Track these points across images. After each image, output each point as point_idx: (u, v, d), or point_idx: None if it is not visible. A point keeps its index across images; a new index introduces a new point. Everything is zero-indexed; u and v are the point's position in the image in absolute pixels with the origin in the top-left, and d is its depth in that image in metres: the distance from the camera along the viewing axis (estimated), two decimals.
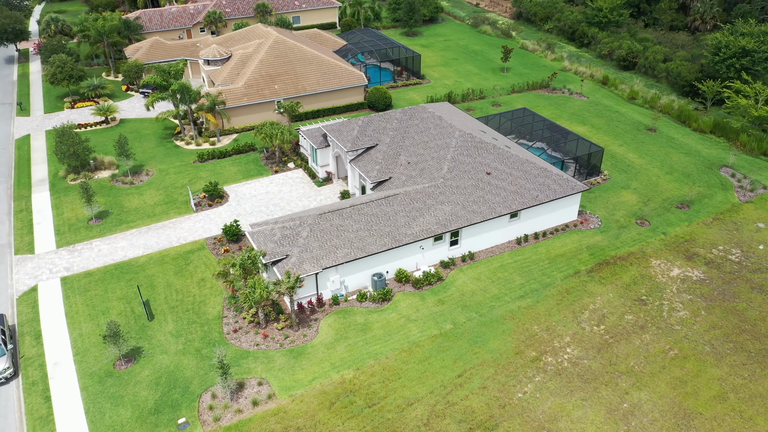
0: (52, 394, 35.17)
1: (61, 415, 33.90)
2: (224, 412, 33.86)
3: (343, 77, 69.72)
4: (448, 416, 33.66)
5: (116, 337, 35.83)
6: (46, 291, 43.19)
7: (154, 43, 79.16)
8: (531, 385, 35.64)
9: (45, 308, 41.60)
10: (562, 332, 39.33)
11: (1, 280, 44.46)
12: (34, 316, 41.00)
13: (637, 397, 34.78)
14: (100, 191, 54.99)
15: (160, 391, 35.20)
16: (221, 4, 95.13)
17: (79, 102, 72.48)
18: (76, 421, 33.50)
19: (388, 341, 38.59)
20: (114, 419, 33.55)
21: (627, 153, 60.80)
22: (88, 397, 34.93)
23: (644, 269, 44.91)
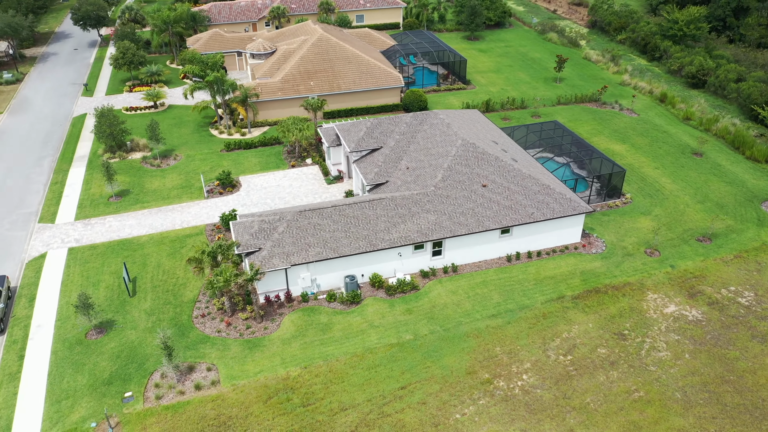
0: (26, 354, 38.15)
1: (28, 374, 36.70)
2: (168, 391, 35.31)
3: (380, 78, 69.92)
4: (377, 427, 33.25)
5: (87, 308, 38.27)
6: (53, 259, 46.74)
7: (213, 35, 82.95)
8: (473, 407, 34.44)
9: (46, 274, 45.07)
10: (524, 357, 37.63)
11: (18, 245, 48.62)
12: (35, 280, 44.54)
13: None
14: (129, 171, 58.64)
15: (119, 364, 37.23)
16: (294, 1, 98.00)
17: (137, 86, 77.44)
18: (38, 382, 36.14)
19: (344, 344, 38.59)
20: (70, 384, 35.89)
21: (660, 177, 56.82)
22: (55, 360, 37.57)
23: (636, 302, 41.97)
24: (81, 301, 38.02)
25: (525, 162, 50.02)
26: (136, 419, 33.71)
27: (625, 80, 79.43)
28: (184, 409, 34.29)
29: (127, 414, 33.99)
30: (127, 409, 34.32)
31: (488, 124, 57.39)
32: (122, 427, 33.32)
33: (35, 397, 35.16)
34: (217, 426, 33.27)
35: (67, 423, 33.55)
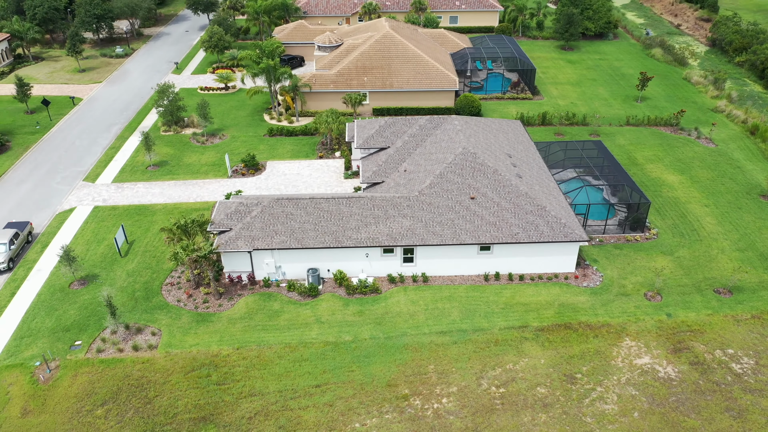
0: (18, 292, 42.88)
1: (10, 310, 41.28)
2: (109, 347, 37.99)
3: (435, 79, 68.76)
4: (273, 418, 33.34)
5: (70, 261, 42.17)
6: (78, 214, 51.88)
7: (297, 26, 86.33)
8: (376, 420, 33.29)
9: (66, 227, 50.16)
10: (454, 381, 35.56)
11: (57, 198, 54.50)
12: (55, 230, 49.77)
13: None
14: (176, 144, 63.23)
15: (83, 315, 40.64)
16: None
17: (219, 69, 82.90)
18: (15, 318, 40.54)
19: (284, 334, 38.97)
20: (36, 325, 39.85)
21: (705, 216, 50.39)
22: (36, 302, 41.87)
23: (607, 346, 37.85)
24: (64, 254, 41.99)
25: (533, 179, 46.85)
26: (73, 366, 36.69)
27: (719, 106, 71.00)
28: (115, 366, 36.72)
29: (68, 360, 37.10)
30: (71, 355, 37.44)
31: (520, 136, 54.36)
32: (59, 370, 36.44)
33: (6, 330, 39.51)
34: (134, 386, 35.25)
35: (18, 357, 37.36)
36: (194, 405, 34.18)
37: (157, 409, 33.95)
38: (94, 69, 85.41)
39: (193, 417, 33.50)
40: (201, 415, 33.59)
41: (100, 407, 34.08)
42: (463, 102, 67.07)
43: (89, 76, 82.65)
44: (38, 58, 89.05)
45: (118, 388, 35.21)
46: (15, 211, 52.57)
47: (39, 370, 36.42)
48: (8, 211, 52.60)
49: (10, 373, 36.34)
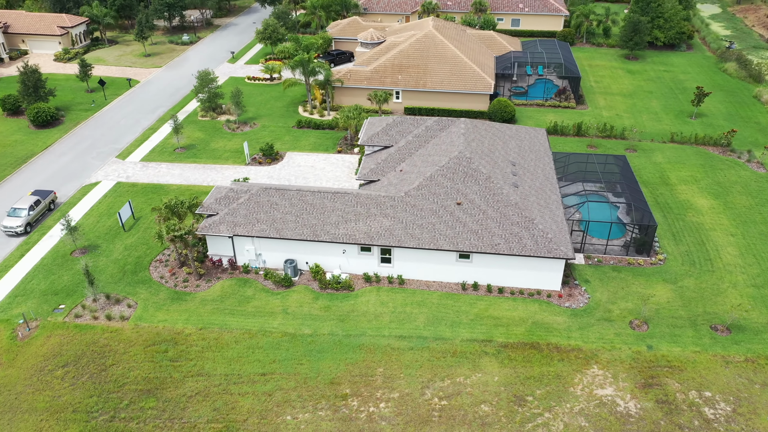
0: (26, 255, 46.29)
1: (16, 270, 44.63)
2: (86, 313, 40.20)
3: (470, 81, 67.24)
4: (211, 400, 34.04)
5: (72, 230, 45.00)
6: (101, 187, 55.20)
7: (351, 22, 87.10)
8: (309, 415, 33.20)
9: (87, 198, 53.51)
10: (398, 387, 34.76)
11: (88, 171, 58.18)
12: (76, 201, 53.21)
13: None
14: (208, 130, 65.74)
15: (74, 281, 43.24)
16: None
17: (270, 60, 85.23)
18: (16, 278, 43.79)
19: (248, 320, 39.64)
20: (32, 286, 42.83)
21: (728, 245, 46.19)
22: (38, 265, 45.00)
23: (570, 371, 35.61)
24: (66, 223, 44.85)
25: (531, 190, 44.80)
26: (50, 327, 39.17)
27: None
28: (86, 332, 38.84)
29: (48, 321, 39.65)
30: (52, 317, 39.99)
31: (537, 145, 52.11)
32: (37, 330, 39.03)
33: (5, 287, 42.77)
34: (96, 353, 37.13)
35: (7, 314, 40.33)
36: (144, 377, 35.53)
37: (109, 377, 35.59)
38: (159, 54, 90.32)
39: (139, 389, 34.83)
40: (147, 388, 34.87)
41: (61, 368, 36.18)
42: (496, 107, 65.15)
43: (152, 61, 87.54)
44: (113, 41, 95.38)
45: (82, 352, 37.23)
46: (49, 180, 56.71)
47: (20, 327, 39.17)
48: (43, 179, 56.84)
49: None
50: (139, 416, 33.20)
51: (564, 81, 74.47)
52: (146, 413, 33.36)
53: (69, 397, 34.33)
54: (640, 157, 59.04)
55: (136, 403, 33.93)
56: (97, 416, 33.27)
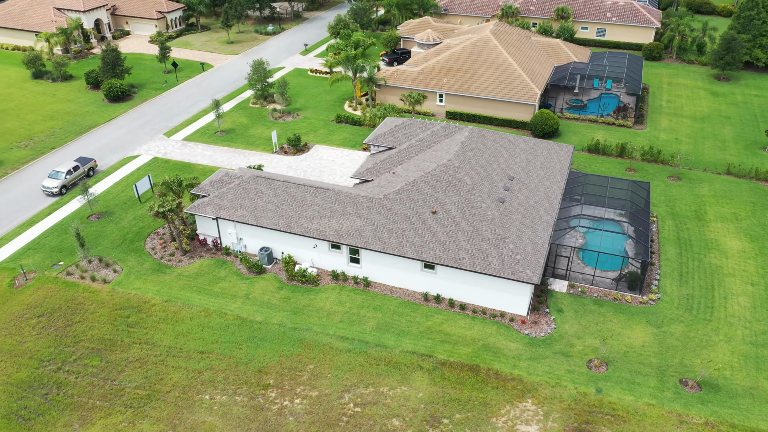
0: (52, 214, 51.21)
1: (37, 226, 49.56)
2: (77, 272, 43.91)
3: (515, 90, 64.68)
4: (146, 369, 35.97)
5: (89, 197, 49.25)
6: (139, 160, 59.71)
7: (422, 22, 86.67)
8: (225, 398, 34.15)
9: (122, 169, 58.11)
10: (321, 386, 34.73)
11: (135, 145, 63.01)
12: (112, 171, 57.94)
13: None
14: (253, 116, 68.68)
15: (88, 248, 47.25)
16: (532, 1, 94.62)
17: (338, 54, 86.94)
18: (35, 233, 48.70)
19: (210, 299, 41.27)
20: (44, 241, 47.42)
21: (740, 295, 41.09)
22: (57, 224, 49.66)
23: (500, 401, 33.60)
24: (83, 188, 49.14)
25: (519, 208, 42.53)
26: (43, 280, 43.26)
27: None
28: (69, 289, 42.46)
29: (43, 275, 43.79)
30: (48, 272, 44.12)
31: (554, 162, 49.28)
32: (32, 281, 43.24)
33: (24, 239, 47.73)
34: (69, 309, 40.52)
35: (15, 263, 44.94)
36: (99, 338, 38.31)
37: (71, 332, 38.76)
38: (241, 42, 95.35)
39: (91, 347, 37.64)
40: (97, 347, 37.60)
41: (36, 317, 39.95)
42: (538, 118, 62.16)
43: (232, 48, 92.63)
44: (205, 28, 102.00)
45: (58, 306, 40.81)
46: (101, 148, 62.18)
47: (19, 277, 43.63)
48: (96, 147, 62.45)
49: (1, 273, 44.10)
50: (80, 371, 35.92)
51: (632, 98, 69.32)
52: (87, 370, 36.02)
53: (31, 344, 37.85)
54: (682, 186, 53.78)
55: (83, 359, 36.72)
56: (46, 365, 36.43)
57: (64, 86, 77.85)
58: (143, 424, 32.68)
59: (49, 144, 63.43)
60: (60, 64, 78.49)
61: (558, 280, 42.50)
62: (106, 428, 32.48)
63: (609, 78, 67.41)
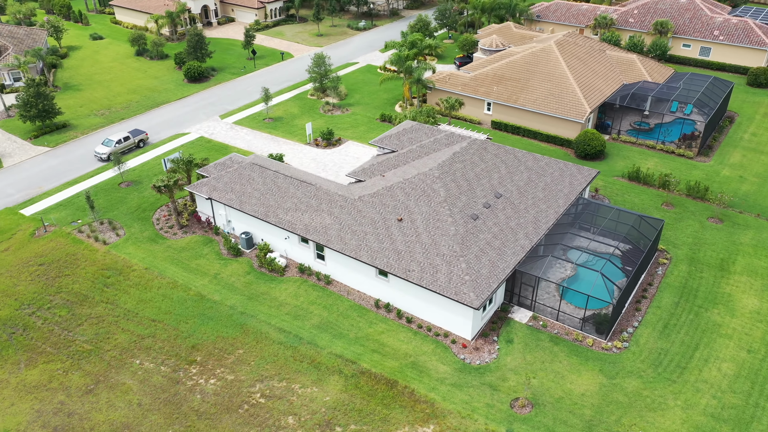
0: (93, 177, 56.80)
1: (76, 186, 55.25)
2: (86, 230, 48.49)
3: (564, 105, 60.86)
4: (98, 327, 39.07)
5: (120, 166, 54.06)
6: (186, 138, 64.23)
7: (503, 27, 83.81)
8: (152, 365, 36.21)
9: (169, 144, 62.87)
10: (240, 372, 35.64)
11: (189, 123, 67.75)
12: (159, 145, 62.86)
13: None
14: (305, 107, 70.96)
15: (104, 205, 52.00)
16: (632, 13, 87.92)
17: None
18: (71, 192, 54.32)
19: (183, 273, 43.70)
20: (74, 200, 52.67)
21: (727, 361, 35.91)
22: (93, 186, 54.95)
23: (402, 420, 32.41)
24: (115, 160, 53.98)
25: (492, 227, 40.35)
26: (57, 234, 48.30)
27: None
28: (74, 244, 47.05)
29: (60, 229, 48.88)
30: (65, 227, 49.17)
31: (564, 185, 46.02)
32: (49, 234, 48.43)
33: (61, 196, 53.46)
34: (65, 262, 44.92)
35: (44, 215, 50.62)
36: (76, 292, 42.20)
37: (56, 283, 43.06)
38: (330, 36, 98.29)
39: (66, 299, 41.58)
40: (70, 300, 41.46)
41: (37, 266, 44.85)
42: (581, 137, 58.07)
43: (319, 41, 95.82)
44: (303, 19, 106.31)
45: (58, 259, 45.47)
46: (161, 123, 67.65)
47: (40, 228, 49.12)
48: (157, 122, 68.04)
49: (29, 222, 49.90)
50: (48, 318, 39.88)
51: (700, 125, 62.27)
52: (54, 318, 39.91)
53: (22, 288, 42.63)
54: (720, 230, 47.69)
55: (54, 308, 40.72)
56: (25, 308, 40.85)
57: (158, 64, 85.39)
58: (74, 375, 35.69)
59: (120, 115, 70.15)
60: (157, 44, 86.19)
61: (523, 310, 39.84)
62: (44, 372, 35.92)
63: (676, 100, 61.01)
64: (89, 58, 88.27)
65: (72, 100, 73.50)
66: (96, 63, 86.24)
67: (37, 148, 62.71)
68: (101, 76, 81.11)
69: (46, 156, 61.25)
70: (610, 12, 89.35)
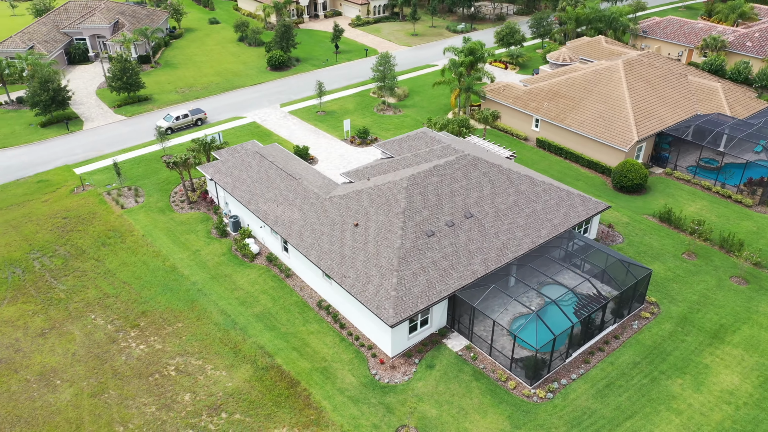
0: (146, 148, 62.56)
1: (129, 153, 61.25)
2: (114, 194, 53.75)
3: (611, 131, 55.98)
4: (80, 279, 43.49)
5: (162, 137, 59.13)
6: (240, 121, 68.28)
7: (593, 41, 78.18)
8: (102, 321, 39.69)
9: (223, 125, 67.25)
10: (167, 344, 37.95)
11: (250, 109, 71.79)
12: (216, 124, 67.45)
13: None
14: (361, 104, 72.09)
15: (141, 173, 57.16)
16: (752, 36, 77.79)
17: (496, 62, 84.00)
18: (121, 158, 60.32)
19: (169, 244, 46.97)
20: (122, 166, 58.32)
21: None
22: (139, 156, 60.61)
23: (264, 409, 32.64)
24: (159, 134, 59.04)
25: (445, 246, 38.71)
26: (91, 193, 54.06)
27: None
28: (98, 204, 52.43)
29: (95, 189, 54.63)
30: (100, 188, 54.88)
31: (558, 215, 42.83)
32: (85, 192, 54.40)
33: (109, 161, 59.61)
34: (84, 219, 50.27)
35: (89, 175, 56.91)
36: (78, 246, 47.21)
37: (68, 236, 48.43)
38: (425, 36, 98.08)
39: (66, 251, 46.68)
40: (70, 252, 46.46)
41: (60, 219, 50.74)
42: (621, 167, 53.12)
43: (410, 40, 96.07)
44: (405, 17, 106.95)
45: (79, 215, 51.05)
46: (226, 106, 72.43)
47: (79, 187, 55.34)
48: (224, 104, 72.90)
49: (75, 180, 56.35)
50: (45, 265, 45.14)
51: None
52: (50, 265, 45.07)
53: (40, 236, 48.53)
54: (739, 293, 41.39)
55: (55, 258, 45.93)
56: (33, 253, 46.53)
57: (252, 51, 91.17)
58: (36, 318, 40.25)
59: (196, 94, 76.19)
60: (255, 32, 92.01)
61: (461, 338, 37.88)
62: (17, 311, 40.87)
63: (747, 139, 53.40)
64: (198, 40, 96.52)
65: (163, 77, 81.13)
66: (201, 45, 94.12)
67: (116, 116, 70.32)
68: (199, 58, 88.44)
69: (120, 124, 68.49)
70: (727, 33, 79.74)
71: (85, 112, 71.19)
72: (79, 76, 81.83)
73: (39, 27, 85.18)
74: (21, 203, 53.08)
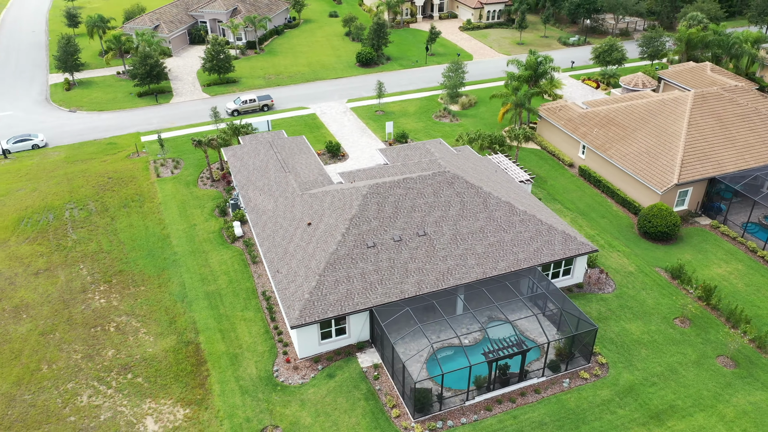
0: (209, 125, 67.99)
1: (196, 128, 67.07)
2: (156, 164, 59.37)
3: (651, 169, 50.13)
4: (88, 231, 49.14)
5: (217, 119, 63.92)
6: (302, 111, 71.33)
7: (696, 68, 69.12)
8: (86, 273, 44.66)
9: (286, 113, 70.75)
10: (123, 306, 41.69)
11: (316, 102, 74.44)
12: (279, 112, 71.12)
13: None
14: (422, 108, 71.70)
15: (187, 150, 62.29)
16: None
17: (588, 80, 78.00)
18: (179, 133, 66.18)
19: (175, 216, 51.02)
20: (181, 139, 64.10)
21: None
22: (202, 132, 66.08)
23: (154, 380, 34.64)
24: (214, 114, 63.89)
25: (384, 260, 37.92)
26: (142, 159, 60.26)
27: None
28: (141, 170, 58.29)
29: (147, 157, 60.79)
30: (151, 156, 60.93)
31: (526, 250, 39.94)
32: (137, 158, 60.71)
33: (176, 133, 65.68)
34: (118, 180, 56.32)
35: (147, 145, 63.40)
36: (105, 204, 53.09)
37: (103, 193, 54.56)
38: (531, 46, 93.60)
39: (94, 207, 52.71)
40: (96, 208, 52.43)
41: (106, 178, 57.23)
42: (649, 211, 47.42)
43: (512, 49, 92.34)
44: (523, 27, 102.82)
45: (121, 177, 57.22)
46: (298, 96, 75.84)
47: (134, 153, 61.83)
48: (298, 95, 76.40)
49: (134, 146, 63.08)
50: (72, 216, 51.45)
51: None
52: (74, 217, 51.35)
53: (83, 190, 55.28)
54: (721, 376, 35.32)
55: (83, 210, 52.11)
56: (70, 204, 53.20)
57: (352, 46, 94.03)
58: (40, 259, 46.25)
59: (279, 82, 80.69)
60: (358, 28, 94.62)
61: (376, 354, 36.98)
62: (29, 250, 47.25)
63: None
64: (310, 31, 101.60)
65: (259, 63, 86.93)
66: (310, 36, 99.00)
67: (202, 95, 77.06)
68: (301, 48, 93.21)
69: (202, 102, 74.97)
70: None
71: (179, 88, 78.88)
72: (192, 55, 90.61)
73: (170, 8, 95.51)
74: (86, 160, 60.86)
